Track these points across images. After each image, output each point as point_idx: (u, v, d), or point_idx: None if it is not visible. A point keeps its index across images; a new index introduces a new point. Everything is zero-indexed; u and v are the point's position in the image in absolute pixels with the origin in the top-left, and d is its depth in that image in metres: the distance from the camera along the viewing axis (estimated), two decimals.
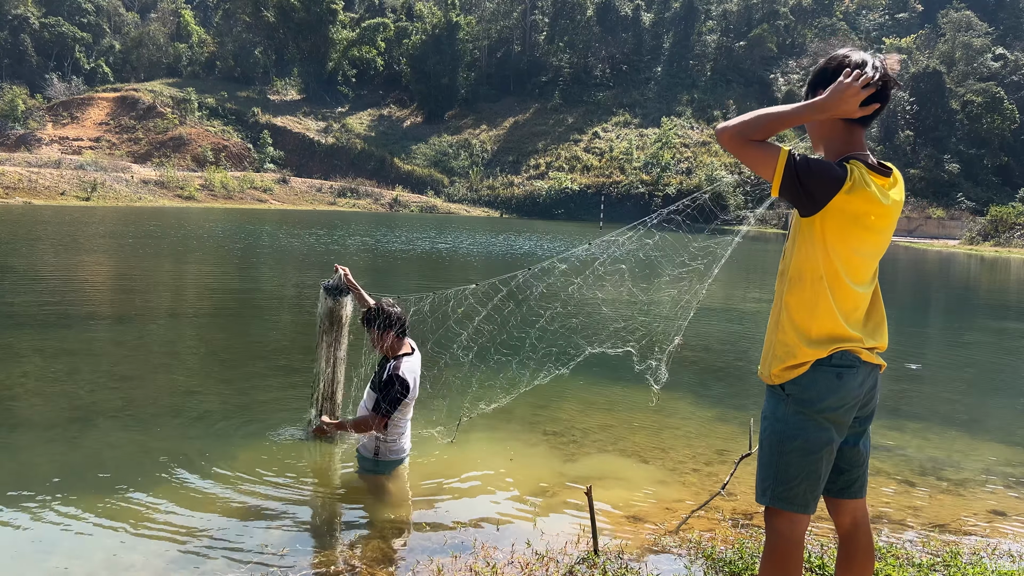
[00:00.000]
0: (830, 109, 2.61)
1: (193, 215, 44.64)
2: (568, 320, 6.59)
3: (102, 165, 57.69)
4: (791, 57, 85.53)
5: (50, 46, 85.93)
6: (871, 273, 2.78)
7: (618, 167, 71.50)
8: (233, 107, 78.64)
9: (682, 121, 78.26)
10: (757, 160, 2.61)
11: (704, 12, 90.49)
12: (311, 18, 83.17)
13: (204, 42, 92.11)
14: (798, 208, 2.68)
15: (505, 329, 6.23)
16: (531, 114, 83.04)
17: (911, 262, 38.04)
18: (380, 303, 5.22)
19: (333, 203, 63.00)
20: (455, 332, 5.68)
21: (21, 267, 18.48)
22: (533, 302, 5.55)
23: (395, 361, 5.12)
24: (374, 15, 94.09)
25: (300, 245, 28.08)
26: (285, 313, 13.68)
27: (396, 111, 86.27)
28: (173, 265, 20.19)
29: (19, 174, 48.80)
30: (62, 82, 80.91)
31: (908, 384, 9.49)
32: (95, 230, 30.94)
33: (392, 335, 5.16)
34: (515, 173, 72.85)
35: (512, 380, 6.49)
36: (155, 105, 75.36)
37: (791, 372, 2.71)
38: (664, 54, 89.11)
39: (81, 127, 72.95)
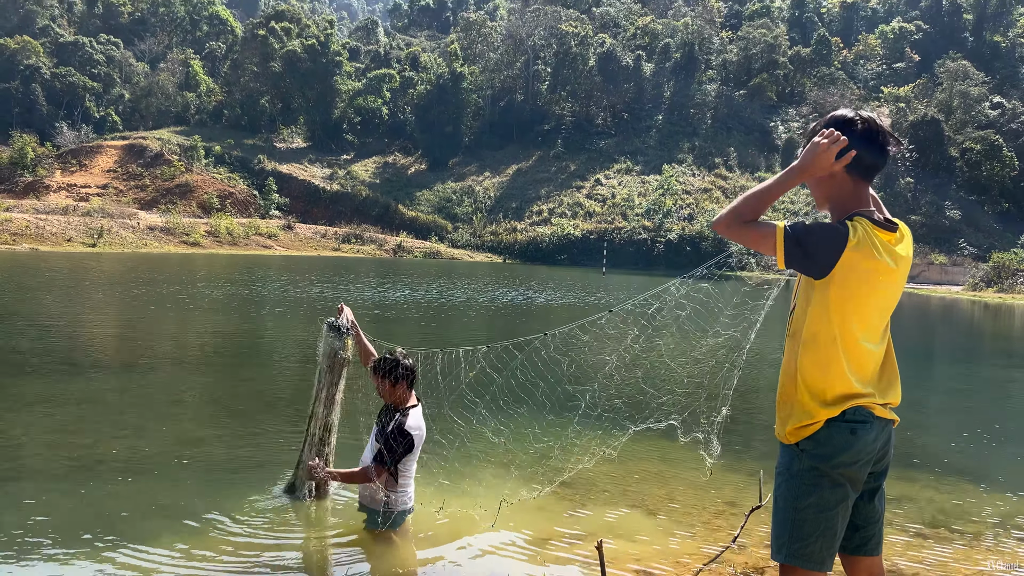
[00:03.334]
0: (808, 169, 2.70)
1: (198, 261, 44.87)
2: (612, 400, 6.54)
3: (109, 212, 58.17)
4: (791, 105, 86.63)
5: (61, 95, 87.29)
6: (883, 329, 2.79)
7: (620, 213, 71.96)
8: (239, 155, 79.56)
9: (683, 168, 78.98)
10: (756, 240, 2.68)
11: (704, 62, 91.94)
12: (317, 69, 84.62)
13: (212, 91, 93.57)
14: (808, 274, 2.71)
15: (542, 406, 6.21)
16: (534, 161, 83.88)
17: (914, 308, 38.00)
18: (394, 353, 5.16)
19: (337, 249, 63.31)
20: (470, 398, 5.68)
21: (27, 313, 18.54)
22: (568, 376, 5.55)
23: (401, 414, 5.06)
24: (380, 66, 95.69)
25: (305, 292, 28.14)
26: (291, 361, 13.67)
27: (400, 158, 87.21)
28: (178, 312, 20.22)
29: (26, 221, 49.19)
30: (72, 130, 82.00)
31: (915, 433, 9.42)
32: (100, 277, 31.08)
33: (404, 386, 5.11)
34: (518, 219, 73.31)
35: (549, 461, 6.49)
36: (162, 153, 76.30)
37: (806, 431, 2.72)
38: (665, 103, 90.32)
39: (89, 174, 73.75)
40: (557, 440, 6.88)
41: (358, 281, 34.72)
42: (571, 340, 5.29)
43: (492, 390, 5.56)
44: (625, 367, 5.20)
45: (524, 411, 6.52)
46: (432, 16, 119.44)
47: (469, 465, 6.20)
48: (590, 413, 6.94)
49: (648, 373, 6.15)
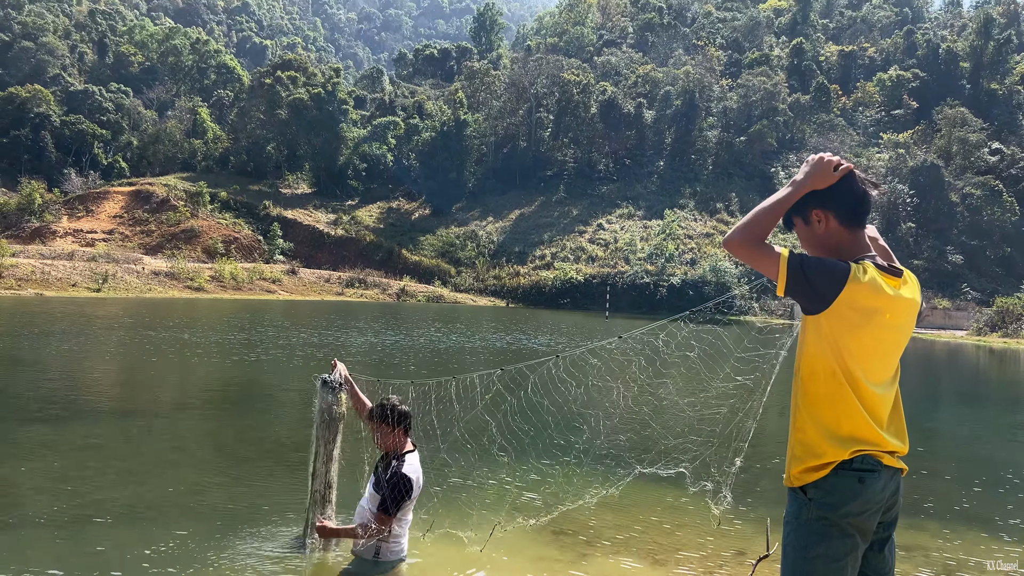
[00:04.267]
0: (809, 180, 2.77)
1: (202, 306, 44.95)
2: (615, 436, 6.50)
3: (114, 257, 58.48)
4: (791, 151, 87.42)
5: (70, 142, 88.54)
6: (890, 374, 2.78)
7: (623, 258, 72.19)
8: (245, 200, 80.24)
9: (685, 213, 79.46)
10: (762, 262, 2.69)
11: (705, 109, 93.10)
12: (323, 116, 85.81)
13: (219, 138, 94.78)
14: (805, 305, 2.71)
15: (545, 431, 6.16)
16: (536, 206, 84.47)
17: (919, 353, 37.85)
18: (389, 400, 5.17)
19: (341, 293, 63.44)
20: (483, 421, 5.65)
21: (30, 359, 18.53)
22: (574, 406, 5.53)
23: (398, 461, 5.04)
24: (384, 113, 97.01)
25: (307, 338, 28.14)
26: (293, 408, 13.62)
27: (404, 204, 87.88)
28: (180, 357, 20.21)
29: (32, 266, 49.47)
30: (79, 177, 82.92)
31: (924, 480, 9.32)
32: (104, 322, 31.13)
33: (401, 432, 5.12)
34: (521, 263, 73.53)
35: (549, 488, 6.41)
36: (168, 198, 76.99)
37: (812, 474, 2.69)
38: (666, 149, 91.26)
39: (95, 220, 74.35)
40: (560, 476, 6.82)
41: (356, 326, 34.72)
42: (582, 367, 5.30)
43: (504, 409, 5.58)
44: (631, 403, 5.20)
45: (526, 441, 6.47)
46: (436, 65, 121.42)
47: (465, 491, 6.13)
48: (596, 452, 6.88)
49: (656, 411, 6.12)
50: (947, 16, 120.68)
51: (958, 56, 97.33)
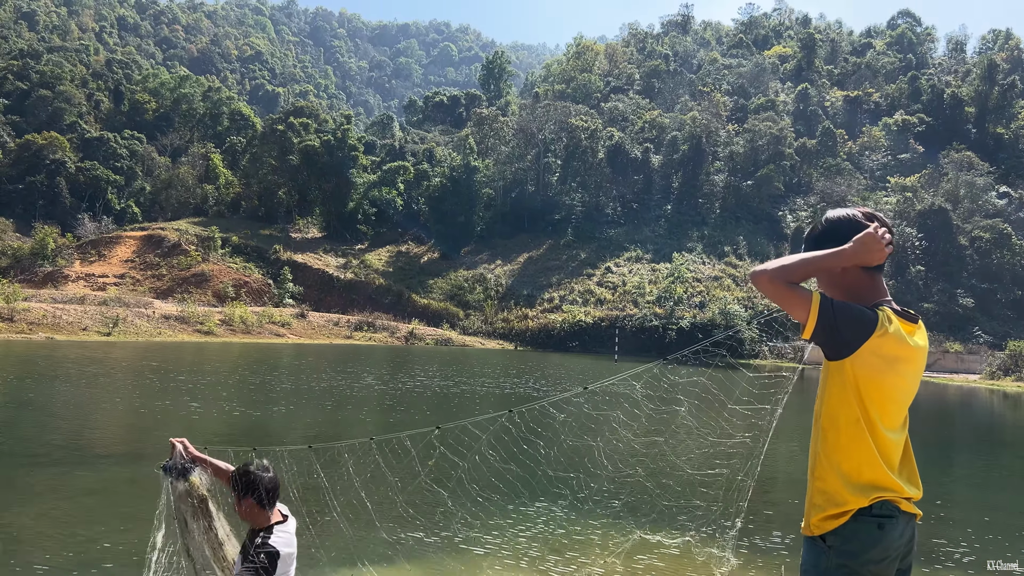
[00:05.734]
0: (856, 256, 2.75)
1: (211, 350, 45.03)
2: (611, 500, 6.35)
3: (125, 301, 58.82)
4: (798, 195, 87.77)
5: (84, 188, 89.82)
6: (902, 420, 2.78)
7: (631, 300, 72.12)
8: (256, 244, 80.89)
9: (693, 256, 79.57)
10: (792, 302, 2.67)
11: (711, 153, 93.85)
12: (334, 162, 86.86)
13: (231, 183, 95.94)
14: (828, 351, 2.70)
15: (517, 497, 6.08)
16: (545, 250, 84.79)
17: (932, 398, 37.46)
18: (246, 466, 4.37)
19: (349, 337, 63.47)
20: (482, 470, 5.57)
21: (39, 402, 18.56)
22: (548, 469, 5.45)
23: (265, 532, 4.26)
24: (394, 159, 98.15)
25: (314, 383, 28.10)
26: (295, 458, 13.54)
27: (413, 247, 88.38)
28: (188, 401, 20.20)
29: (43, 310, 49.80)
30: (93, 222, 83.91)
31: (937, 527, 9.16)
32: (113, 366, 31.19)
33: (252, 502, 4.28)
34: (529, 306, 73.54)
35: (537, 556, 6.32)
36: (180, 243, 77.68)
37: (831, 522, 2.66)
38: (673, 193, 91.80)
39: (107, 264, 74.99)
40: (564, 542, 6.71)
41: (366, 371, 34.64)
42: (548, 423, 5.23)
43: (456, 477, 5.39)
44: (618, 463, 5.09)
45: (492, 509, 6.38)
46: (446, 112, 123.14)
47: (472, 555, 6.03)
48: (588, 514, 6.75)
49: (651, 473, 6.01)
50: (951, 62, 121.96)
51: (963, 101, 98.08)
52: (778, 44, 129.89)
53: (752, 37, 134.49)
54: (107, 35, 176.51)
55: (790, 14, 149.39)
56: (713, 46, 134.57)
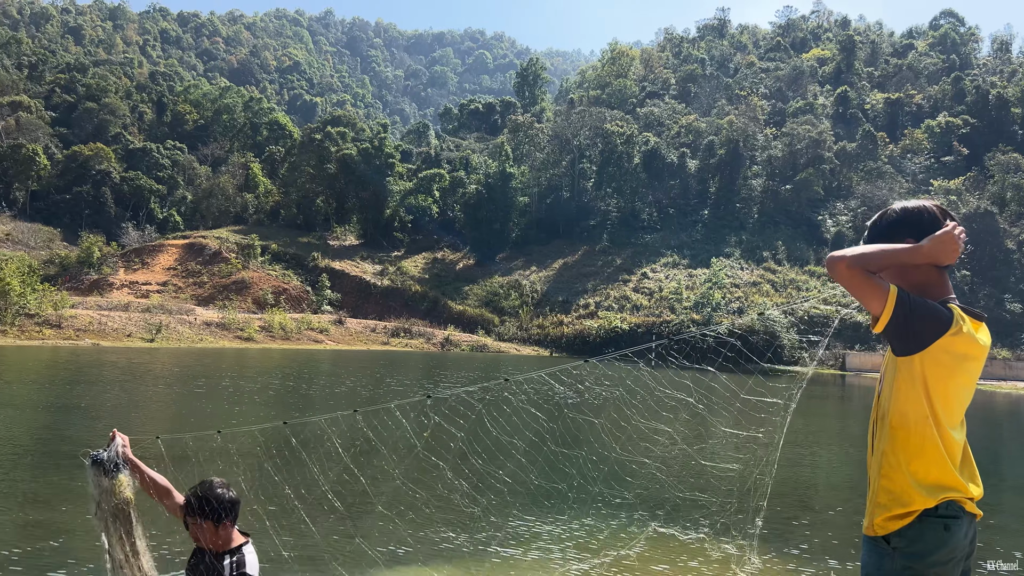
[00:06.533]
0: (932, 254, 2.73)
1: (251, 356, 45.68)
2: (622, 489, 6.23)
3: (167, 308, 59.96)
4: (838, 199, 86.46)
5: (128, 198, 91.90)
6: (961, 418, 2.73)
7: (668, 306, 71.59)
8: (294, 252, 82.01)
9: (731, 262, 78.76)
10: (869, 293, 2.62)
11: (749, 158, 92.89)
12: (371, 170, 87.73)
13: (270, 192, 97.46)
14: (899, 346, 2.64)
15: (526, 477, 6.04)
16: (580, 255, 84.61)
17: (980, 405, 36.58)
18: (210, 487, 4.03)
19: (386, 343, 63.93)
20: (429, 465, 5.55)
21: (86, 406, 18.98)
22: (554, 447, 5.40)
23: (236, 555, 3.98)
24: (430, 166, 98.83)
25: (351, 386, 28.33)
26: (335, 458, 13.65)
27: (449, 254, 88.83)
28: (229, 406, 20.49)
29: (90, 317, 50.99)
30: (136, 230, 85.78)
31: (990, 535, 8.92)
32: (156, 371, 31.78)
33: (230, 524, 4.02)
34: (565, 312, 73.36)
35: (546, 545, 6.27)
36: (220, 251, 79.02)
37: (896, 522, 2.60)
38: (710, 198, 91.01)
39: (151, 272, 76.55)
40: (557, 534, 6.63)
41: (402, 375, 34.85)
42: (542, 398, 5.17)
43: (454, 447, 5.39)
44: (633, 444, 5.00)
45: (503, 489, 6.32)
46: (481, 119, 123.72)
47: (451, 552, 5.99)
48: (601, 503, 6.68)
49: (663, 455, 5.89)
50: (996, 62, 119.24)
51: (1009, 102, 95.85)
52: (816, 47, 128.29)
53: (790, 40, 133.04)
54: (150, 48, 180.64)
55: (828, 16, 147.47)
56: (750, 50, 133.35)
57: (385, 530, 5.86)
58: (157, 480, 4.33)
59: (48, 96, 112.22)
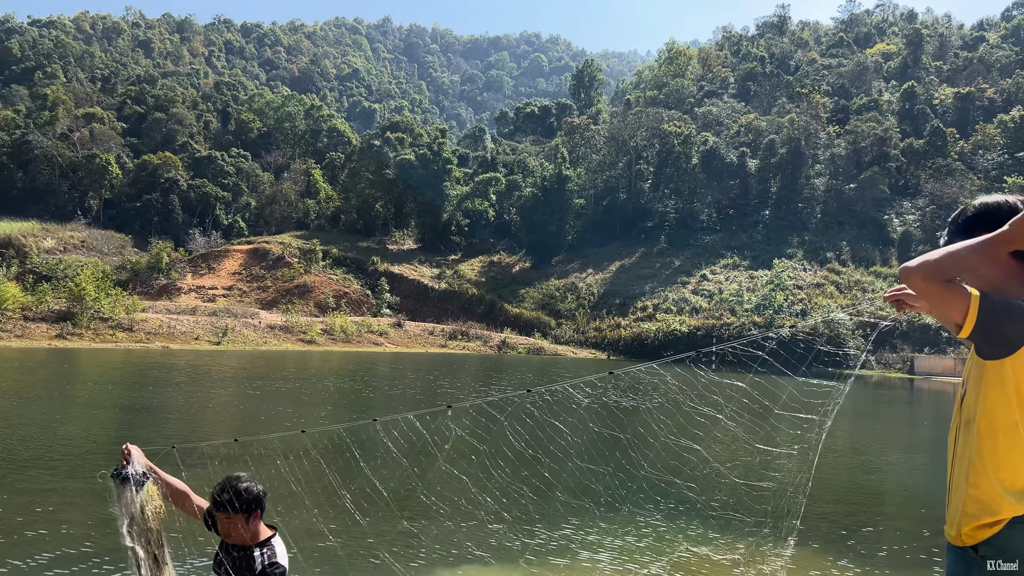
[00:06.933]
0: (1014, 240, 2.52)
1: (314, 358, 46.58)
2: (650, 505, 6.09)
3: (233, 312, 61.58)
4: (905, 198, 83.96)
5: (195, 205, 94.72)
6: None
7: (728, 309, 70.50)
8: (354, 256, 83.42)
9: (793, 263, 77.15)
10: (949, 302, 2.53)
11: (811, 156, 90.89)
12: (428, 175, 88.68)
13: (331, 198, 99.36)
14: (986, 349, 2.53)
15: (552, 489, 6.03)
16: (637, 257, 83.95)
17: None
18: (238, 481, 4.07)
19: (444, 346, 64.47)
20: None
21: (156, 406, 19.63)
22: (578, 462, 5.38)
23: (267, 547, 4.05)
24: (486, 170, 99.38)
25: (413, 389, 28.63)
26: (392, 462, 13.82)
27: (505, 257, 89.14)
28: (294, 407, 20.93)
29: (159, 320, 52.72)
30: (203, 236, 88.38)
31: None
32: (223, 373, 32.65)
33: (259, 516, 4.08)
34: (622, 315, 72.88)
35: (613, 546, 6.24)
36: (284, 256, 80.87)
37: (985, 531, 2.51)
38: (771, 197, 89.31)
39: (216, 277, 78.76)
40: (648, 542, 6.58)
41: (461, 377, 35.09)
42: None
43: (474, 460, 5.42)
44: (662, 461, 4.93)
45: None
46: (536, 122, 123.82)
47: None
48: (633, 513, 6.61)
49: (693, 474, 5.79)
50: None
51: None
52: (881, 41, 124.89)
53: (853, 35, 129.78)
54: (215, 59, 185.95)
55: (894, 10, 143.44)
56: (811, 46, 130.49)
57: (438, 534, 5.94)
58: (176, 485, 4.39)
59: (120, 107, 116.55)
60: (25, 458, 13.93)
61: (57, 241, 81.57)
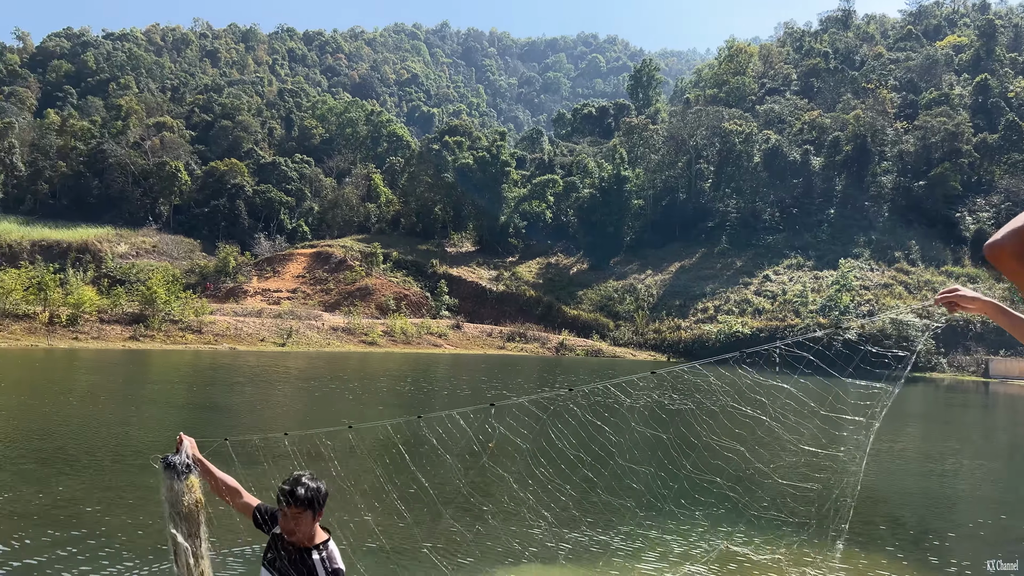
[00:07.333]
0: None
1: (375, 359, 47.29)
2: (691, 505, 6.03)
3: (297, 314, 62.97)
4: (978, 195, 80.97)
5: (260, 210, 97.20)
6: None
7: (792, 310, 69.01)
8: (414, 259, 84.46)
9: (860, 263, 75.08)
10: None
11: (878, 153, 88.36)
12: (487, 178, 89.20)
13: (391, 202, 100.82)
14: None
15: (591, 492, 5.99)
16: (697, 258, 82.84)
17: None
18: (310, 478, 3.98)
19: (502, 347, 64.72)
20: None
21: (224, 406, 20.22)
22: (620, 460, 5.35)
23: (324, 550, 3.96)
24: (544, 172, 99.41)
25: (472, 389, 28.83)
26: (439, 464, 13.97)
27: (563, 259, 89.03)
28: (356, 407, 21.30)
29: (227, 323, 54.23)
30: (268, 240, 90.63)
31: None
32: (289, 373, 33.42)
33: (317, 517, 3.99)
34: (682, 317, 72.00)
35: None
36: (345, 259, 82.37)
37: None
38: (836, 196, 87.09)
39: (281, 280, 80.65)
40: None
41: (517, 378, 35.17)
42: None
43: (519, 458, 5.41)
44: (704, 462, 4.88)
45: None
46: (594, 123, 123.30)
47: None
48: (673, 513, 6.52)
49: (735, 474, 5.74)
50: None
51: None
52: (952, 33, 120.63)
53: (922, 28, 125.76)
54: (279, 67, 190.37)
55: (965, 1, 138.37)
56: (878, 40, 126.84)
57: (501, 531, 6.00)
58: (227, 481, 4.42)
59: (188, 116, 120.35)
60: (102, 453, 14.52)
61: (130, 246, 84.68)
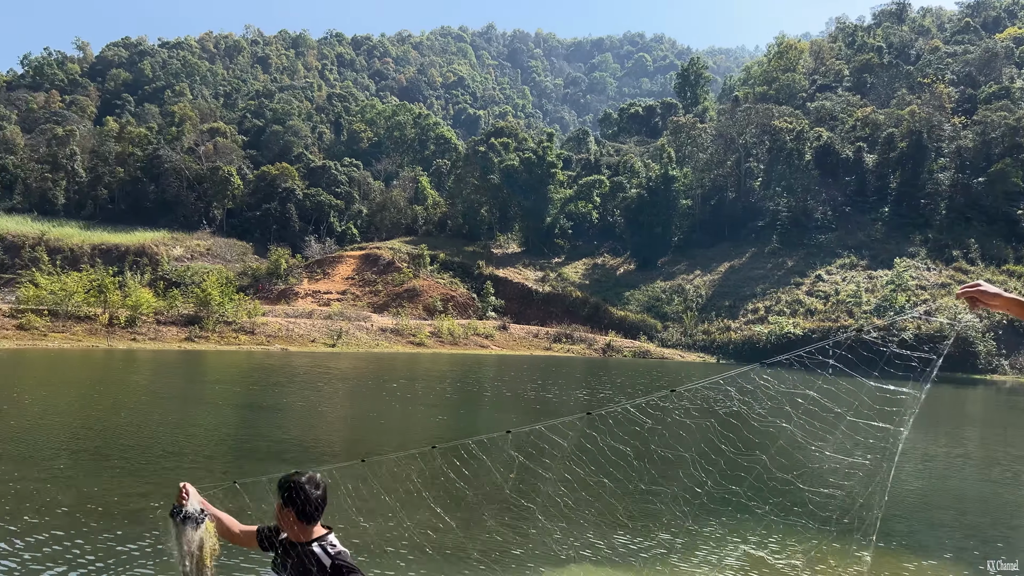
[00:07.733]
0: None
1: (423, 360, 47.70)
2: (711, 516, 5.94)
3: (347, 315, 63.82)
4: None
5: (310, 213, 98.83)
6: None
7: (846, 311, 67.56)
8: (460, 261, 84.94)
9: (916, 262, 73.16)
10: None
11: (935, 150, 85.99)
12: (533, 179, 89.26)
13: (438, 204, 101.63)
14: None
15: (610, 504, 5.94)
16: (747, 258, 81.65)
17: None
18: (308, 478, 4.15)
19: (548, 348, 64.66)
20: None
21: (277, 405, 20.60)
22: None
23: (324, 541, 4.12)
24: (590, 172, 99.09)
25: (519, 391, 28.86)
26: (480, 467, 14.02)
27: (610, 260, 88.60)
28: (403, 406, 21.52)
29: (278, 324, 55.23)
30: (318, 243, 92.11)
31: None
32: (340, 374, 33.90)
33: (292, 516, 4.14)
34: (732, 318, 71.03)
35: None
36: (393, 261, 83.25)
37: None
38: (891, 194, 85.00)
39: (331, 281, 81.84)
40: None
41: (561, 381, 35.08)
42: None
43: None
44: (724, 475, 4.79)
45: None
46: (640, 123, 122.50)
47: None
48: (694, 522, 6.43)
49: (755, 485, 5.63)
50: None
51: None
52: (1012, 25, 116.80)
53: (980, 20, 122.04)
54: (328, 72, 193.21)
55: None
56: (934, 34, 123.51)
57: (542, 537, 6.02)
58: (222, 519, 4.55)
59: (240, 121, 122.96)
60: (160, 452, 14.92)
61: (185, 249, 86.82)
